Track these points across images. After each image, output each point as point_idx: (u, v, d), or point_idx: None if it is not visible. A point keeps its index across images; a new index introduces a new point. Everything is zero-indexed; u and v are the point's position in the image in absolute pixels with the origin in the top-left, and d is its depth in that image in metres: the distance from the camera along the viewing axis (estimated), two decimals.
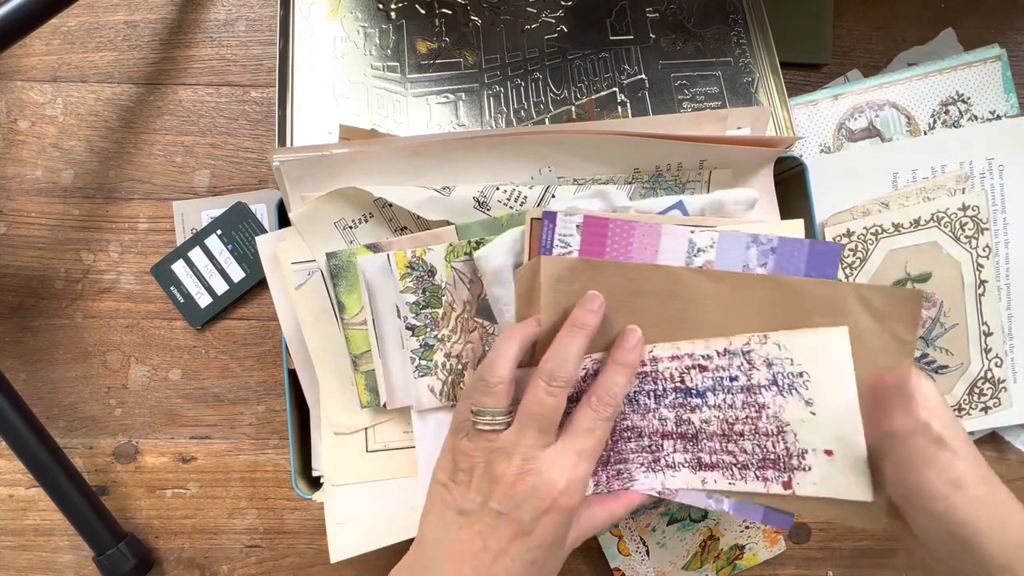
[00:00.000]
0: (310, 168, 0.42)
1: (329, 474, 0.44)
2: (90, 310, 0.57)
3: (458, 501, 0.34)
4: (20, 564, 0.56)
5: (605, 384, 0.35)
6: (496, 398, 0.34)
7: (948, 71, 0.56)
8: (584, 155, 0.43)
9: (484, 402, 0.34)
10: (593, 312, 0.35)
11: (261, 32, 0.58)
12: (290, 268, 0.44)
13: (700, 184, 0.45)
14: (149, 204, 0.57)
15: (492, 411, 0.34)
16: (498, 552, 0.33)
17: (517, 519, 0.33)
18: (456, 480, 0.35)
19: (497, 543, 0.33)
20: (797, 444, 0.36)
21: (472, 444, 0.34)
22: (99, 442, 0.57)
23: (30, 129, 0.57)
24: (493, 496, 0.33)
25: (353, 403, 0.44)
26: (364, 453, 0.45)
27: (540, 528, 0.33)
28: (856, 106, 0.57)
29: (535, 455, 0.33)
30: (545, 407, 0.34)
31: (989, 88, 0.56)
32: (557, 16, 0.55)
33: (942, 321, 0.54)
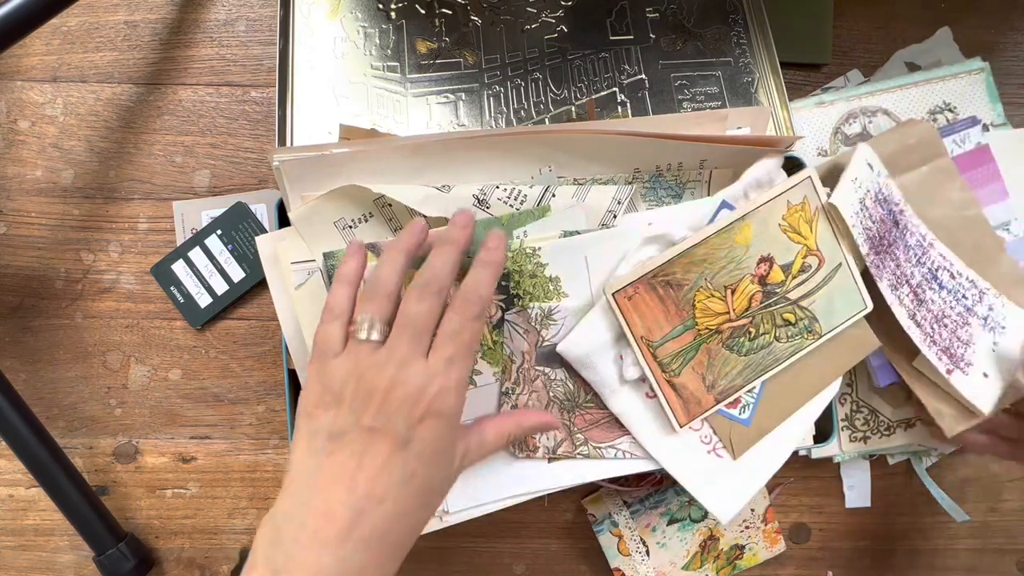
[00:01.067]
0: (310, 168, 0.42)
1: None
2: (90, 310, 0.57)
3: (328, 426, 0.33)
4: (20, 564, 0.56)
5: (470, 284, 0.35)
6: (380, 304, 0.34)
7: (936, 81, 0.57)
8: (584, 155, 0.43)
9: (368, 308, 0.34)
10: (464, 227, 0.36)
11: (261, 32, 0.58)
12: (290, 268, 0.44)
13: (700, 184, 0.45)
14: (149, 204, 0.57)
15: (373, 319, 0.34)
16: (375, 470, 0.32)
17: (392, 431, 0.32)
18: (325, 404, 0.33)
19: (373, 460, 0.32)
20: (973, 356, 0.48)
21: (343, 362, 0.33)
22: (99, 442, 0.57)
23: (30, 129, 0.57)
24: (367, 412, 0.32)
25: None
26: None
27: (417, 437, 0.32)
28: (851, 112, 0.57)
29: (407, 363, 0.33)
30: (417, 314, 0.33)
31: (975, 98, 0.57)
32: (557, 16, 0.55)
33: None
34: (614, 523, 0.55)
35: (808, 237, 0.43)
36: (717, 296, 0.42)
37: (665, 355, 0.42)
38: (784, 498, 0.58)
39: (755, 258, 0.42)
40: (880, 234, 0.46)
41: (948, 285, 0.49)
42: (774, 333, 0.43)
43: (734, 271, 0.42)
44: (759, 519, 0.57)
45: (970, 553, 0.59)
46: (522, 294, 0.41)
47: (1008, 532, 0.59)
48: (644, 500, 0.55)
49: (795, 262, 0.43)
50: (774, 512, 0.57)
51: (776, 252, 0.43)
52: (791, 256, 0.43)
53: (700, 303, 0.42)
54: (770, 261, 0.43)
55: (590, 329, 0.41)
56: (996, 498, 0.59)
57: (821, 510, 0.58)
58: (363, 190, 0.42)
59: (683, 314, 0.42)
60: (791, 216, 0.43)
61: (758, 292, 0.43)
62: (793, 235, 0.43)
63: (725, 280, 0.42)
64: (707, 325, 0.42)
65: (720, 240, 0.42)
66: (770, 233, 0.43)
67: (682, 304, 0.42)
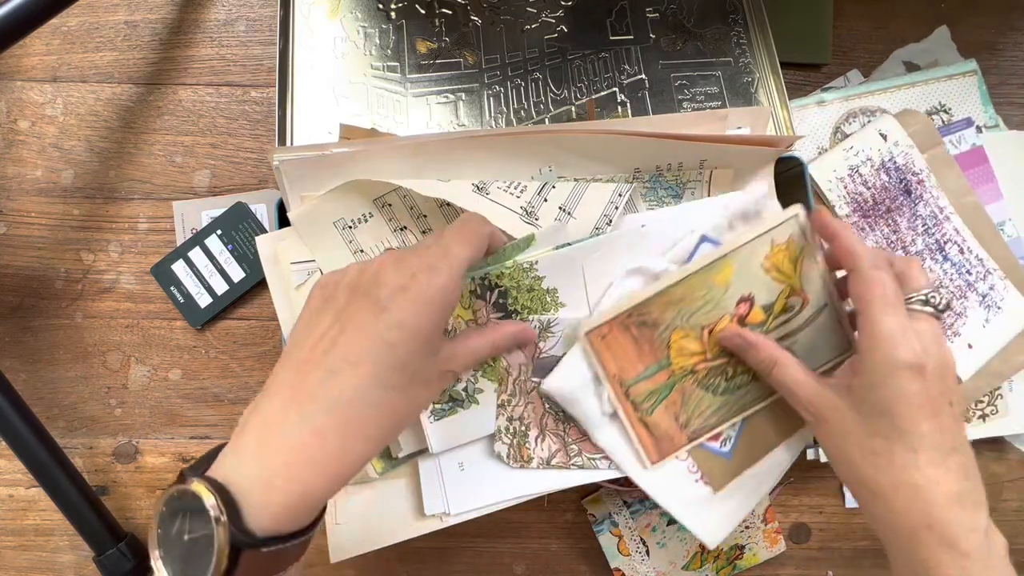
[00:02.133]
0: (310, 168, 0.42)
1: None
2: (90, 310, 0.57)
3: (325, 296, 0.33)
4: (20, 564, 0.56)
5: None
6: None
7: (932, 82, 0.58)
8: (584, 155, 0.43)
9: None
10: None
11: (261, 32, 0.58)
12: (290, 268, 0.44)
13: (700, 184, 0.45)
14: (149, 204, 0.57)
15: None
16: (355, 332, 0.31)
17: (374, 297, 0.31)
18: (331, 284, 0.34)
19: (353, 324, 0.31)
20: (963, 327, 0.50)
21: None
22: (99, 442, 0.57)
23: (30, 129, 0.57)
24: (357, 281, 0.32)
25: None
26: None
27: (395, 306, 0.31)
28: (851, 111, 0.57)
29: (404, 255, 0.33)
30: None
31: (968, 100, 0.58)
32: (557, 16, 0.55)
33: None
34: (614, 523, 0.55)
35: (792, 277, 0.41)
36: (693, 335, 0.41)
37: (638, 394, 0.41)
38: (784, 498, 0.58)
39: (735, 298, 0.41)
40: (875, 200, 0.47)
41: (954, 259, 0.51)
42: (752, 373, 0.42)
43: (712, 311, 0.41)
44: (759, 519, 0.57)
45: None
46: (520, 309, 0.41)
47: (1008, 532, 0.58)
48: (644, 500, 0.55)
49: (777, 302, 0.41)
50: (774, 512, 0.57)
51: (757, 292, 0.41)
52: (773, 296, 0.41)
53: (675, 343, 0.41)
54: (750, 301, 0.41)
55: (571, 368, 0.41)
56: (996, 498, 0.59)
57: (821, 510, 0.58)
58: (362, 190, 0.42)
59: (657, 354, 0.41)
60: (775, 255, 0.41)
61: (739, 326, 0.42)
62: (776, 275, 0.41)
63: (702, 320, 0.41)
64: (681, 365, 0.42)
65: (699, 280, 0.40)
66: (752, 272, 0.41)
67: (656, 343, 0.41)
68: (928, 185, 0.52)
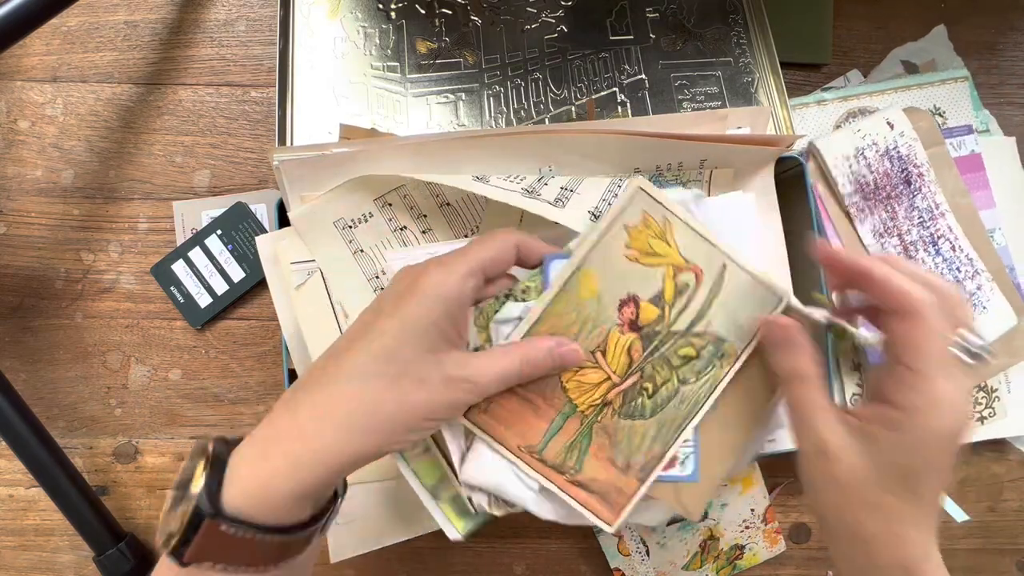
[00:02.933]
0: (310, 168, 0.42)
1: None
2: (90, 310, 0.57)
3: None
4: (20, 564, 0.56)
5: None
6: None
7: (927, 86, 0.58)
8: (584, 155, 0.43)
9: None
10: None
11: (261, 32, 0.58)
12: (290, 268, 0.44)
13: (700, 184, 0.45)
14: (149, 204, 0.57)
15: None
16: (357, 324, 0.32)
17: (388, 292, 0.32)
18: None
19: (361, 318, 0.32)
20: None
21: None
22: (99, 442, 0.57)
23: (30, 129, 0.57)
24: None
25: None
26: None
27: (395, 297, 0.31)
28: (850, 111, 0.57)
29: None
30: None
31: (960, 104, 0.58)
32: (557, 16, 0.55)
33: None
34: None
35: (668, 253, 0.35)
36: (588, 366, 0.35)
37: (555, 455, 0.36)
38: (784, 498, 0.58)
39: (613, 304, 0.35)
40: (877, 184, 0.48)
41: (946, 255, 0.52)
42: (676, 377, 0.36)
43: (594, 330, 0.35)
44: (759, 519, 0.57)
45: (970, 553, 0.59)
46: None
47: (1008, 532, 0.59)
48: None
49: (665, 288, 0.35)
50: (774, 512, 0.57)
51: (636, 287, 0.35)
52: (657, 284, 0.35)
53: (570, 382, 0.35)
54: (633, 300, 0.35)
55: (478, 457, 0.36)
56: (996, 498, 0.59)
57: None
58: (363, 190, 0.42)
59: (556, 402, 0.35)
60: (636, 240, 0.35)
61: (635, 340, 0.35)
62: (649, 260, 0.35)
63: (589, 345, 0.35)
64: (589, 403, 0.36)
65: (564, 303, 0.35)
66: (619, 269, 0.35)
67: (549, 392, 0.35)
68: (927, 180, 0.52)
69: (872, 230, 0.52)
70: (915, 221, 0.52)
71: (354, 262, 0.44)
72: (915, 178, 0.52)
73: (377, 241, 0.44)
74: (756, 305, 0.36)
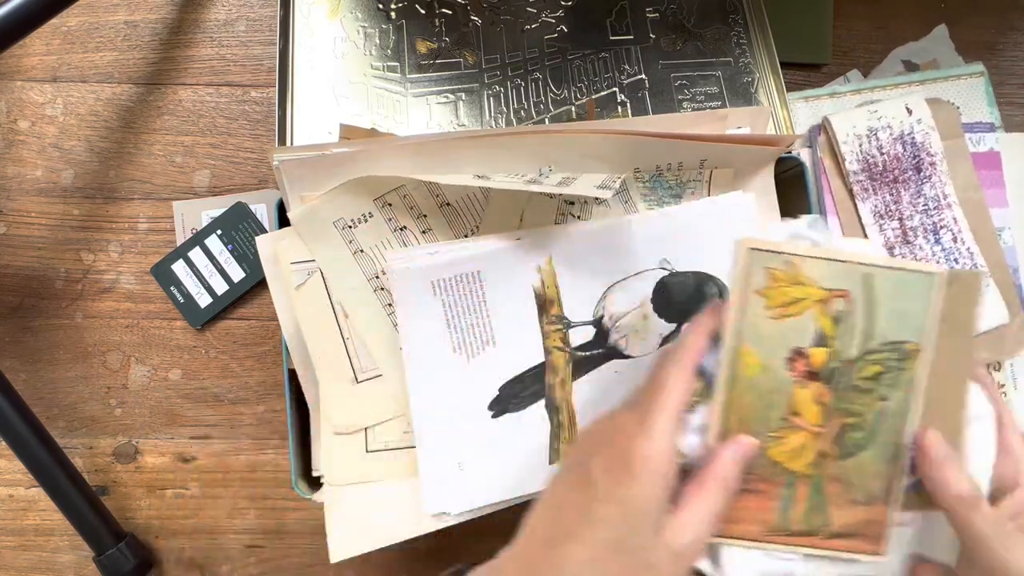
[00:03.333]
0: (310, 168, 0.42)
1: (329, 474, 0.44)
2: (90, 310, 0.57)
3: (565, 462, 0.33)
4: (20, 564, 0.56)
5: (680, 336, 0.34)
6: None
7: (940, 81, 0.58)
8: (584, 155, 0.43)
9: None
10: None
11: (261, 32, 0.58)
12: (290, 268, 0.44)
13: (700, 184, 0.45)
14: (149, 204, 0.57)
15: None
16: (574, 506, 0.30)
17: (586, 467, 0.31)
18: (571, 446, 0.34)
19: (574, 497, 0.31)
20: None
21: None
22: (99, 442, 0.57)
23: (30, 129, 0.57)
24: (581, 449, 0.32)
25: (353, 403, 0.44)
26: (364, 453, 0.45)
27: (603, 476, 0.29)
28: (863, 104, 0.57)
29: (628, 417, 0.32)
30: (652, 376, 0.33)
31: (975, 100, 0.58)
32: (557, 16, 0.55)
33: None
34: None
35: (808, 293, 0.34)
36: (784, 433, 0.34)
37: (799, 524, 0.35)
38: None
39: (783, 367, 0.34)
40: (885, 166, 0.48)
41: (946, 245, 0.52)
42: (875, 395, 0.35)
43: (776, 398, 0.34)
44: None
45: None
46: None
47: None
48: None
49: (822, 326, 0.34)
50: None
51: (795, 340, 0.34)
52: (812, 326, 0.34)
53: (780, 454, 0.34)
54: (798, 354, 0.34)
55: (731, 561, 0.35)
56: None
57: None
58: (363, 190, 0.42)
59: (776, 479, 0.35)
60: (773, 300, 0.34)
61: (819, 388, 0.35)
62: (793, 308, 0.34)
63: (779, 412, 0.34)
64: (806, 463, 0.35)
65: (737, 392, 0.34)
66: (771, 333, 0.34)
67: (765, 473, 0.34)
68: (939, 170, 0.52)
69: (873, 210, 0.52)
70: (919, 208, 0.52)
71: (354, 262, 0.44)
72: (926, 166, 0.52)
73: (377, 241, 0.44)
74: (914, 294, 0.35)
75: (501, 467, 0.43)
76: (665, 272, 0.44)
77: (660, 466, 0.29)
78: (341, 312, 0.44)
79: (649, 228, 0.43)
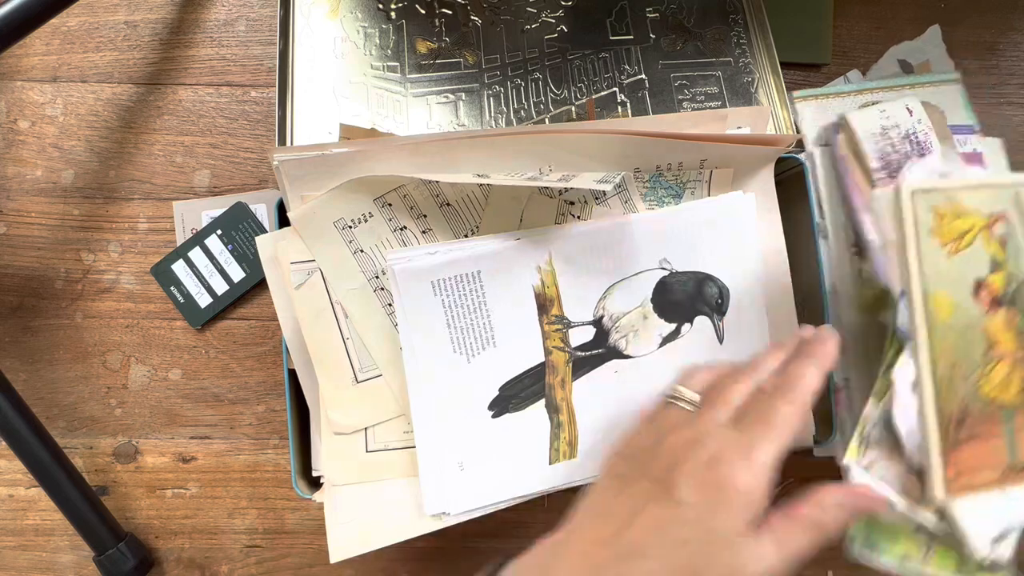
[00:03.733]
0: (310, 167, 0.42)
1: (329, 474, 0.44)
2: (90, 310, 0.57)
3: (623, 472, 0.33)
4: (20, 564, 0.56)
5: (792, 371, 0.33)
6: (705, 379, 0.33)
7: (928, 85, 0.58)
8: (585, 155, 0.43)
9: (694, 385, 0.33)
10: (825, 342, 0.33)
11: (261, 32, 0.58)
12: (290, 268, 0.44)
13: (701, 184, 0.45)
14: (149, 204, 0.57)
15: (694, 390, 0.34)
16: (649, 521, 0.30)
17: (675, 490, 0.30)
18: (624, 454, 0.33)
19: (649, 512, 0.30)
20: None
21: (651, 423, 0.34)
22: (99, 442, 0.57)
23: (30, 129, 0.57)
24: (657, 465, 0.32)
25: (353, 403, 0.44)
26: (364, 453, 0.45)
27: (694, 502, 0.29)
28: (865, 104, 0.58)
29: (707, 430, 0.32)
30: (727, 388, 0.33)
31: (956, 104, 0.58)
32: (557, 16, 0.55)
33: None
34: None
35: (973, 223, 0.35)
36: (993, 368, 0.35)
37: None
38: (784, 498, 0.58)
39: (969, 303, 0.35)
40: (900, 163, 0.51)
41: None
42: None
43: (972, 334, 0.35)
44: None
45: None
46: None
47: None
48: None
49: (992, 250, 0.35)
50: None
51: (973, 271, 0.35)
52: (984, 253, 0.35)
53: (992, 390, 0.35)
54: (979, 284, 0.35)
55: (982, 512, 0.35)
56: None
57: None
58: (363, 189, 0.42)
59: (993, 416, 0.35)
60: (945, 235, 0.35)
61: (1005, 312, 0.35)
62: (964, 240, 0.35)
63: (980, 348, 0.35)
64: (1015, 391, 0.35)
65: (937, 338, 0.35)
66: (952, 269, 0.35)
67: (979, 415, 0.35)
68: None
69: None
70: None
71: (354, 262, 0.44)
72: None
73: (377, 241, 0.44)
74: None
75: (501, 467, 0.43)
76: (665, 272, 0.44)
77: (756, 501, 0.29)
78: (341, 312, 0.44)
79: (649, 228, 0.43)
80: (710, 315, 0.44)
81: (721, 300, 0.45)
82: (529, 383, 0.43)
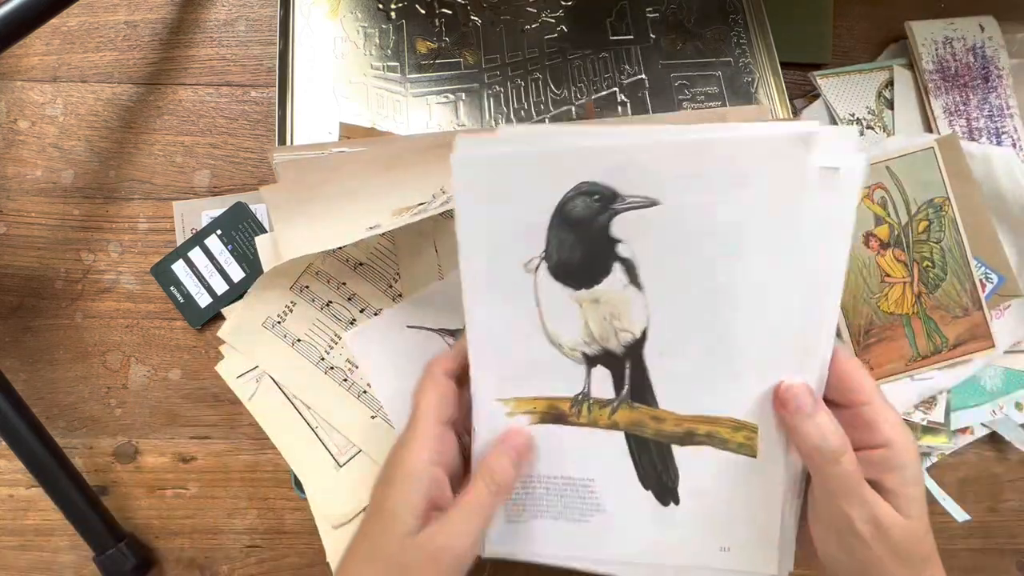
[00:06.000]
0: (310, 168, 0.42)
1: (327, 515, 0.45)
2: (90, 310, 0.57)
3: None
4: (20, 564, 0.56)
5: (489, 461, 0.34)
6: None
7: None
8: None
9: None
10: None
11: (261, 32, 0.58)
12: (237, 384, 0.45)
13: None
14: (149, 204, 0.57)
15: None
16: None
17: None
18: None
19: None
20: None
21: None
22: (99, 442, 0.57)
23: (30, 129, 0.57)
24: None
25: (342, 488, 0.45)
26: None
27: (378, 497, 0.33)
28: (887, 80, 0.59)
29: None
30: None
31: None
32: (557, 16, 0.55)
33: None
34: None
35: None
36: (885, 288, 0.49)
37: (926, 350, 0.49)
38: None
39: (862, 248, 0.49)
40: (957, 71, 0.55)
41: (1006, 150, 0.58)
42: (932, 240, 0.50)
43: (868, 271, 0.49)
44: None
45: (970, 553, 0.59)
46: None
47: (1008, 532, 0.59)
48: None
49: (875, 211, 0.50)
50: None
51: (862, 226, 0.49)
52: (869, 213, 0.50)
53: (888, 307, 0.50)
54: (869, 234, 0.50)
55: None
56: (996, 498, 0.58)
57: None
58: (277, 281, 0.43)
59: (896, 325, 0.50)
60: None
61: (892, 252, 0.49)
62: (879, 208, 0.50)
63: (875, 280, 0.49)
64: (908, 305, 0.50)
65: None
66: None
67: (887, 323, 0.50)
68: (1005, 83, 0.58)
69: (943, 107, 0.56)
70: (984, 112, 0.57)
71: (295, 354, 0.44)
72: (993, 78, 0.57)
73: (309, 326, 0.44)
74: (923, 164, 0.50)
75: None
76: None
77: (415, 472, 0.31)
78: (301, 404, 0.44)
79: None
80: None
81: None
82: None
